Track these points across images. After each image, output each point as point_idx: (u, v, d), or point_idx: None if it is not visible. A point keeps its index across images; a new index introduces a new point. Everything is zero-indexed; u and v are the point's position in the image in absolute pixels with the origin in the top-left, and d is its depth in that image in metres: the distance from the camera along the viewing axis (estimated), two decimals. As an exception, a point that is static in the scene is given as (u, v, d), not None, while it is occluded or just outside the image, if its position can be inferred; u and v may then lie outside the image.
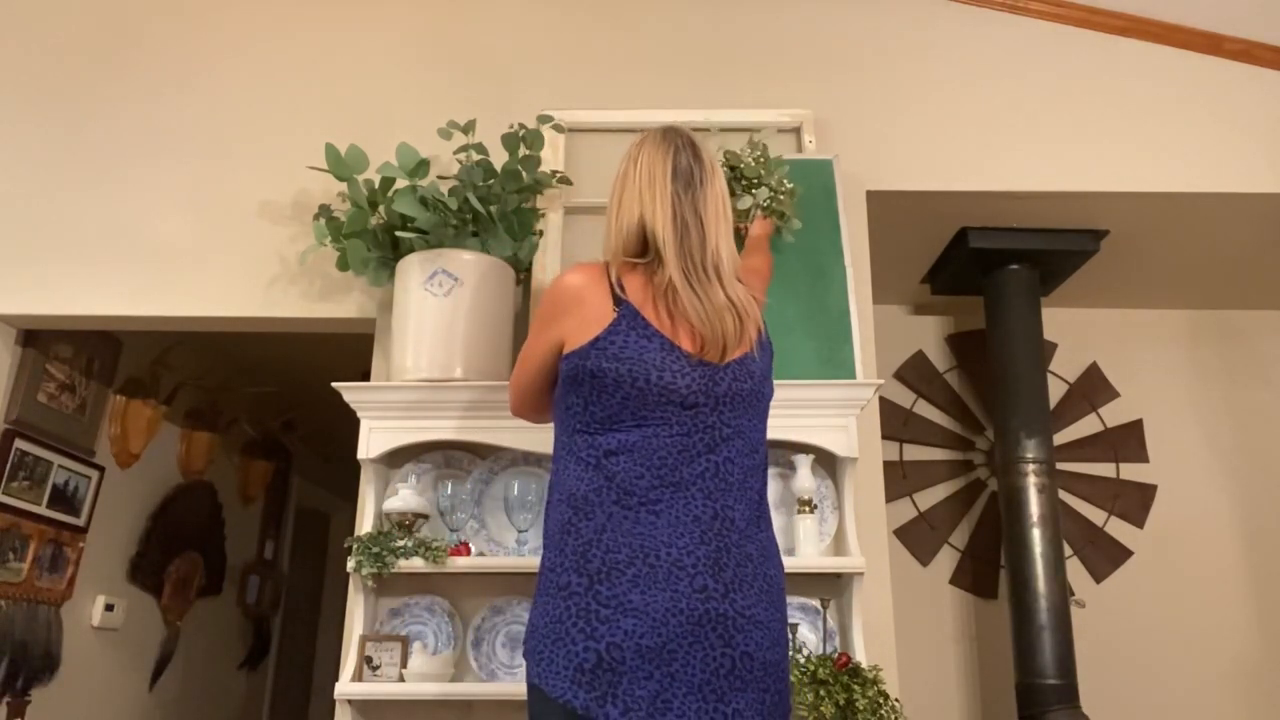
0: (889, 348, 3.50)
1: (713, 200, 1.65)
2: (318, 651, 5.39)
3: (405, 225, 2.39)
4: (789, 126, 2.77)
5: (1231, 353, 3.65)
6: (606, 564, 1.46)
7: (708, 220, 1.63)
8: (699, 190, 1.64)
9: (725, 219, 1.65)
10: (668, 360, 1.56)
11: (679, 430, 1.54)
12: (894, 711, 2.08)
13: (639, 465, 1.52)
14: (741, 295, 1.62)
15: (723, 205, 1.66)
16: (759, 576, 1.52)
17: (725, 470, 1.55)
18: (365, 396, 2.29)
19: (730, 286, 1.60)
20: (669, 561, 1.46)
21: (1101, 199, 2.84)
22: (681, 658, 1.43)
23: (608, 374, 1.54)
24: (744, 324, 1.61)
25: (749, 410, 1.61)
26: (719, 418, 1.57)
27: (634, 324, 1.57)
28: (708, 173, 1.67)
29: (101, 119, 2.87)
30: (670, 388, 1.54)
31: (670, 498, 1.51)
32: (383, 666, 2.17)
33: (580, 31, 2.94)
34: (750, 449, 1.60)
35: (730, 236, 1.66)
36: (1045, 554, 2.94)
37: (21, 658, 3.02)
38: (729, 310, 1.59)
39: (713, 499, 1.53)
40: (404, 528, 2.25)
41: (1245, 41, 2.90)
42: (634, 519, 1.49)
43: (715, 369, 1.58)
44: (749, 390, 1.60)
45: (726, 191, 1.69)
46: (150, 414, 3.67)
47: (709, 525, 1.51)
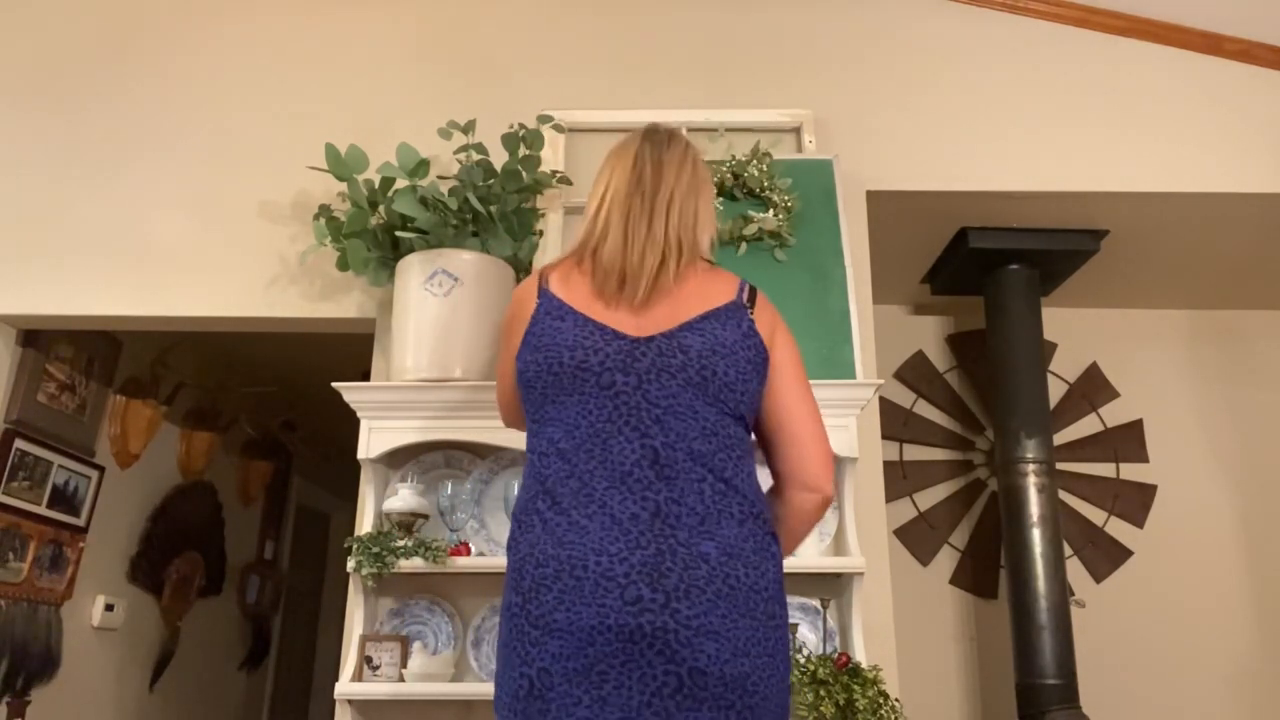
0: (889, 348, 3.50)
1: (678, 161, 1.55)
2: (318, 651, 5.39)
3: (405, 225, 2.39)
4: (789, 126, 2.77)
5: (1231, 353, 3.64)
6: (535, 580, 1.34)
7: (667, 171, 1.53)
8: (665, 151, 1.56)
9: (694, 183, 1.55)
10: (580, 336, 1.44)
11: (599, 413, 1.40)
12: (894, 711, 2.08)
13: (566, 463, 1.40)
14: (678, 237, 1.49)
15: (693, 171, 1.56)
16: (716, 579, 1.33)
17: (667, 458, 1.38)
18: (365, 396, 2.29)
19: (672, 227, 1.49)
20: (597, 573, 1.31)
21: (1101, 199, 2.84)
22: (614, 679, 1.28)
23: (529, 367, 1.46)
24: (666, 263, 1.47)
25: (689, 390, 1.41)
26: (644, 395, 1.40)
27: (549, 308, 1.48)
28: (680, 144, 1.58)
29: (101, 119, 2.87)
30: (583, 366, 1.42)
31: (604, 495, 1.36)
32: (383, 666, 2.17)
33: (580, 31, 2.94)
34: (701, 432, 1.41)
35: (702, 202, 1.56)
36: (1045, 554, 2.94)
37: (21, 658, 3.02)
38: (655, 245, 1.47)
39: (653, 491, 1.36)
40: (404, 528, 2.25)
41: (1245, 41, 2.90)
42: (565, 526, 1.35)
43: (635, 342, 1.43)
44: (679, 366, 1.42)
45: (705, 170, 1.60)
46: (150, 414, 3.67)
47: (648, 524, 1.34)
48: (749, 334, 1.48)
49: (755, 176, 2.54)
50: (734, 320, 1.48)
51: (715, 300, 1.49)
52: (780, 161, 2.60)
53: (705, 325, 1.46)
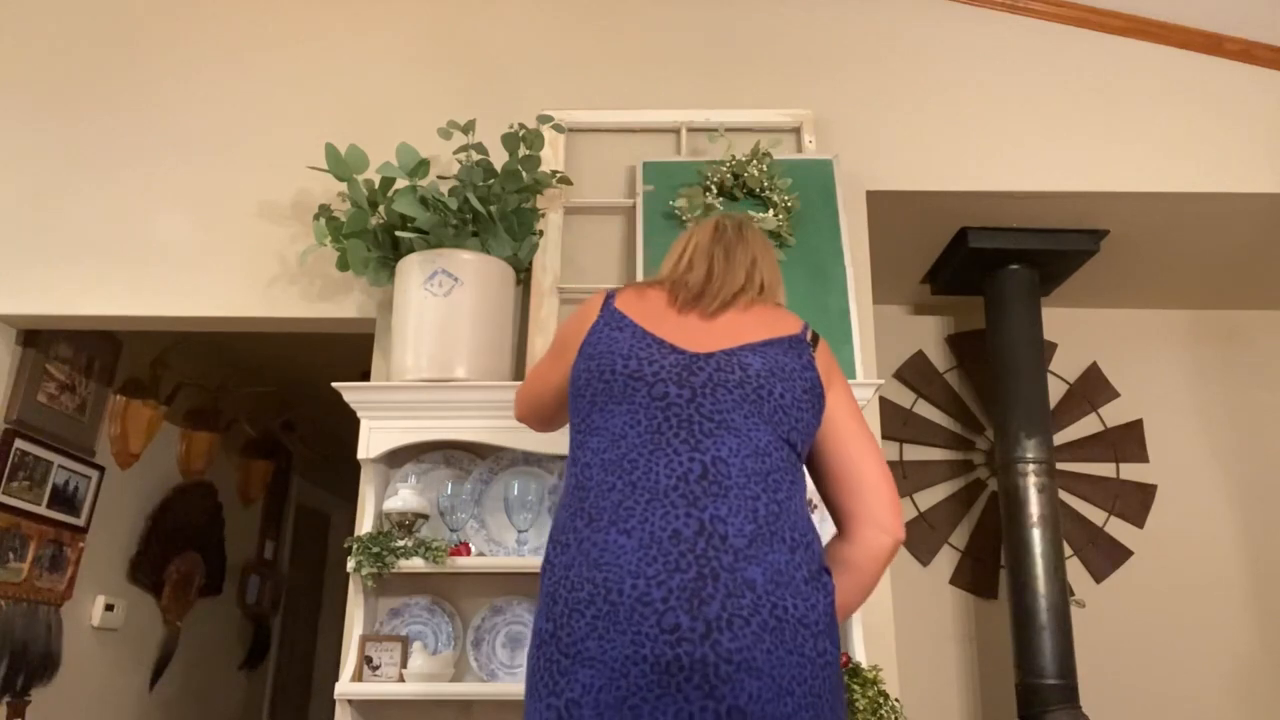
0: (889, 348, 3.50)
1: (759, 238, 1.65)
2: (318, 651, 5.39)
3: (405, 225, 2.39)
4: (789, 126, 2.77)
5: (1231, 353, 3.64)
6: (569, 605, 1.26)
7: (747, 234, 1.62)
8: (745, 226, 1.65)
9: (769, 252, 1.64)
10: (636, 347, 1.42)
11: (648, 424, 1.35)
12: (894, 711, 2.07)
13: (610, 474, 1.33)
14: (760, 278, 1.56)
15: (768, 247, 1.65)
16: (762, 609, 1.23)
17: (717, 472, 1.31)
18: (365, 396, 2.29)
19: (752, 268, 1.57)
20: (634, 597, 1.22)
21: (1101, 199, 2.84)
22: (648, 714, 1.20)
23: (580, 375, 1.44)
24: (744, 289, 1.52)
25: (745, 406, 1.37)
26: (697, 408, 1.35)
27: (609, 320, 1.48)
28: (758, 230, 1.69)
29: (102, 119, 2.87)
30: (636, 374, 1.38)
31: (645, 510, 1.28)
32: (383, 666, 2.17)
33: (580, 31, 2.94)
34: (755, 451, 1.34)
35: (777, 267, 1.64)
36: (1045, 554, 2.94)
37: (21, 658, 3.02)
38: (735, 275, 1.53)
39: (699, 507, 1.28)
40: (404, 528, 2.25)
41: (1245, 41, 2.90)
42: (602, 545, 1.27)
43: (695, 356, 1.41)
44: (738, 382, 1.39)
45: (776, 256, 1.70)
46: (150, 414, 3.67)
47: (691, 543, 1.25)
48: (808, 366, 1.46)
49: (755, 176, 2.55)
50: (795, 351, 1.47)
51: (779, 330, 1.49)
52: (780, 161, 2.60)
53: (767, 349, 1.45)
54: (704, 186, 2.55)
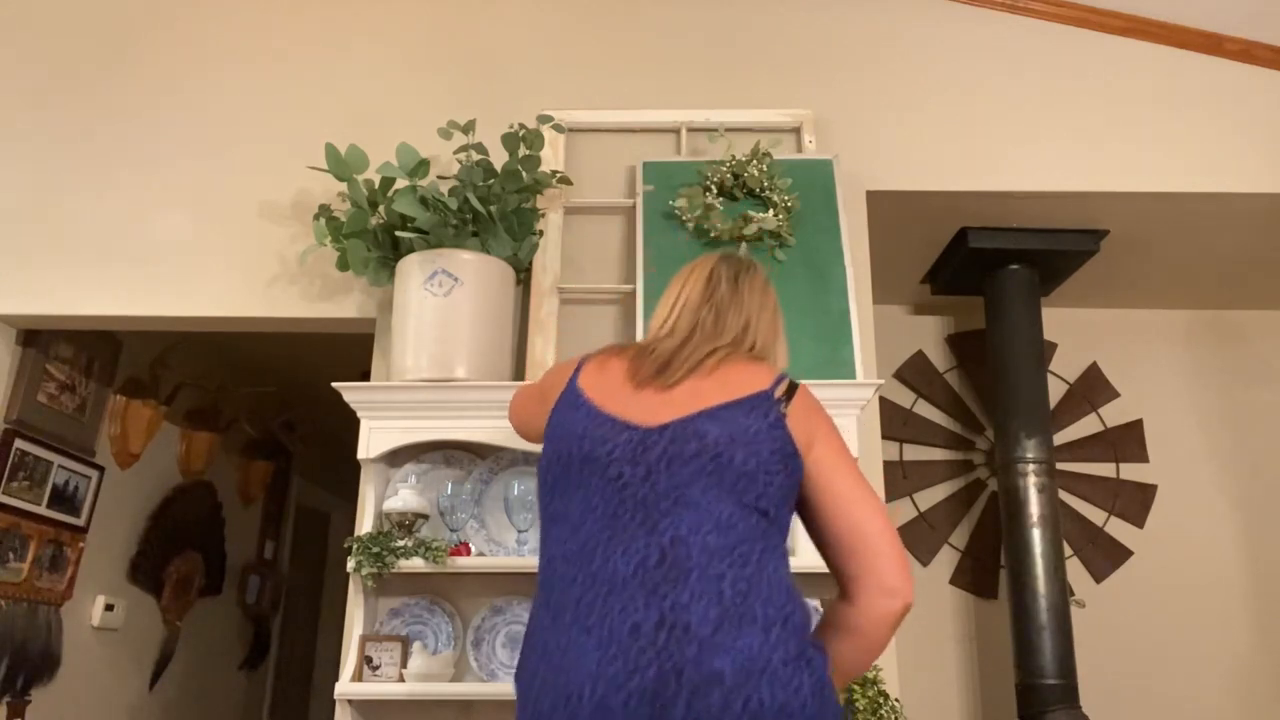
0: (889, 348, 3.50)
1: (757, 286, 1.53)
2: (318, 651, 5.39)
3: (405, 225, 2.39)
4: (789, 126, 2.77)
5: (1231, 353, 3.64)
6: (532, 716, 1.20)
7: (743, 288, 1.52)
8: (743, 274, 1.54)
9: (767, 303, 1.53)
10: (590, 427, 1.33)
11: (604, 509, 1.25)
12: (894, 711, 2.07)
13: (571, 565, 1.25)
14: (749, 340, 1.47)
15: (765, 294, 1.54)
16: (734, 705, 1.12)
17: (676, 554, 1.20)
18: (365, 396, 2.29)
19: (740, 328, 1.47)
20: (593, 704, 1.13)
21: (1101, 199, 2.84)
22: None
23: (542, 460, 1.37)
24: (714, 353, 1.40)
25: (703, 479, 1.25)
26: (652, 487, 1.25)
27: (569, 398, 1.39)
28: (758, 273, 1.57)
29: (102, 119, 2.87)
30: (590, 457, 1.29)
31: (605, 604, 1.19)
32: (383, 666, 2.17)
33: (580, 31, 2.94)
34: (717, 525, 1.23)
35: (776, 321, 1.54)
36: (1045, 554, 2.94)
37: (21, 658, 3.02)
38: (710, 341, 1.42)
39: (658, 596, 1.17)
40: (404, 528, 2.25)
41: (1245, 41, 2.90)
42: (564, 646, 1.20)
43: (648, 431, 1.30)
44: (694, 453, 1.27)
45: (777, 302, 1.57)
46: (150, 414, 3.67)
47: (651, 638, 1.15)
48: (776, 425, 1.32)
49: (755, 176, 2.55)
50: (760, 410, 1.33)
51: (743, 389, 1.36)
52: (780, 161, 2.60)
53: (726, 413, 1.32)
54: (704, 186, 2.55)
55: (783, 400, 1.36)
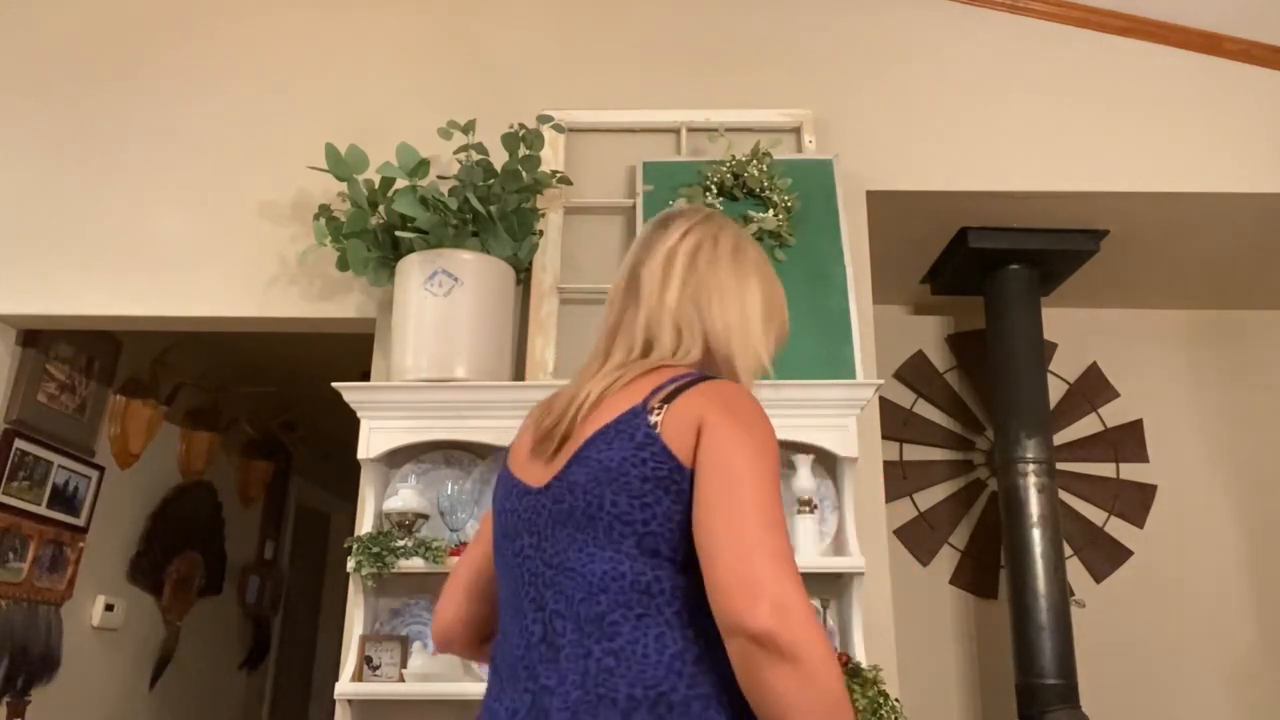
0: (889, 348, 3.50)
1: (681, 257, 1.25)
2: (318, 651, 5.39)
3: (405, 225, 2.39)
4: (789, 126, 2.77)
5: (1231, 353, 3.64)
6: None
7: (649, 273, 1.25)
8: (658, 241, 1.28)
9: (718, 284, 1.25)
10: (503, 497, 1.22)
11: (512, 586, 1.15)
12: (894, 711, 2.07)
13: (495, 649, 1.18)
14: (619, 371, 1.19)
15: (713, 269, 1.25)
16: None
17: (552, 631, 1.08)
18: (365, 396, 2.29)
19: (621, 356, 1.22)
20: None
21: (1101, 199, 2.84)
22: None
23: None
24: (584, 408, 1.16)
25: (579, 536, 1.09)
26: (542, 556, 1.12)
27: (502, 466, 1.29)
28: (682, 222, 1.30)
29: (102, 119, 2.87)
30: (506, 533, 1.18)
31: (501, 688, 1.12)
32: (383, 666, 2.17)
33: (580, 31, 2.94)
34: (589, 591, 1.06)
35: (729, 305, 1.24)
36: (1045, 554, 2.94)
37: (21, 658, 3.02)
38: (595, 384, 1.18)
39: (534, 678, 1.07)
40: (404, 528, 2.25)
41: (1245, 41, 2.89)
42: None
43: (538, 493, 1.15)
44: (567, 510, 1.11)
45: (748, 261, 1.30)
46: (150, 414, 3.67)
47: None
48: (644, 444, 1.08)
49: (755, 176, 2.55)
50: (626, 433, 1.10)
51: (618, 408, 1.13)
52: (780, 161, 2.60)
53: (591, 450, 1.12)
54: (704, 186, 2.55)
55: (657, 408, 1.11)
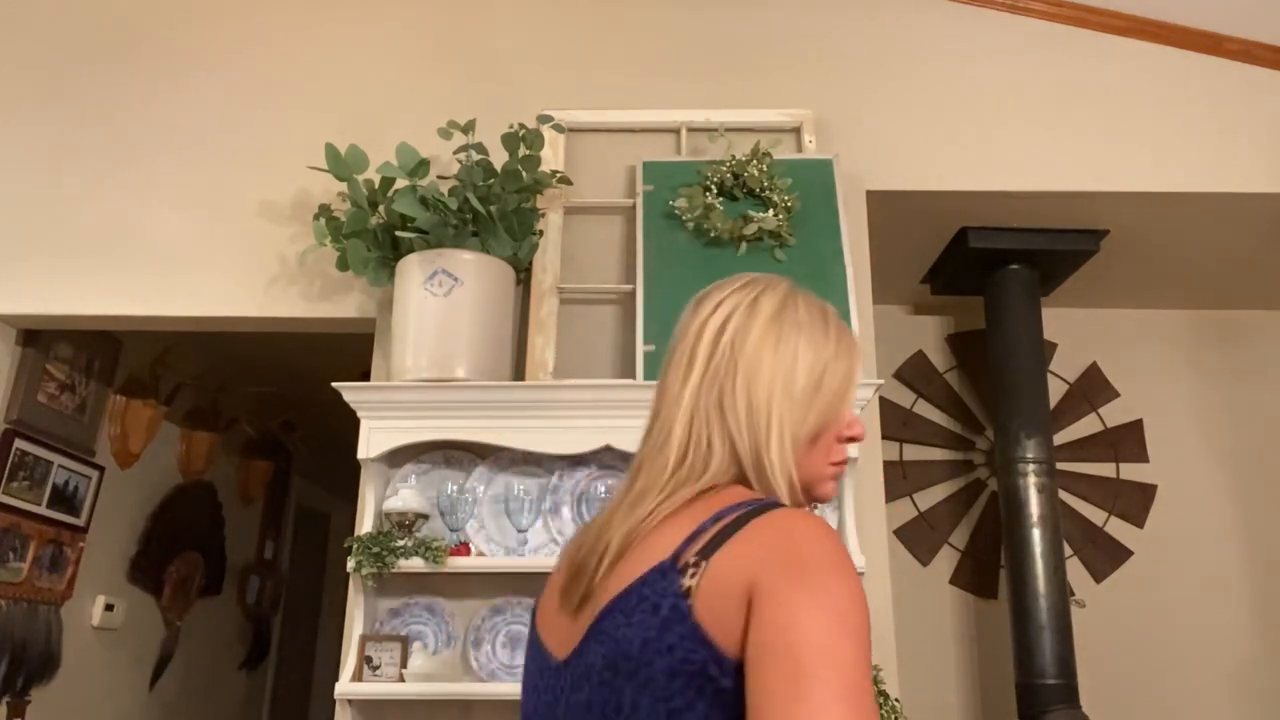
0: (889, 348, 3.50)
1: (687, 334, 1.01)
2: (318, 651, 5.39)
3: (405, 225, 2.39)
4: (789, 126, 2.77)
5: (1231, 353, 3.64)
6: None
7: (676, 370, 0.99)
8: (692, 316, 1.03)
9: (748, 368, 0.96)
10: (531, 671, 1.02)
11: None
12: (894, 712, 2.08)
13: None
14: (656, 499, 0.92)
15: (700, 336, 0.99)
16: None
17: None
18: (365, 396, 2.29)
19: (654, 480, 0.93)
20: None
21: (1101, 199, 2.84)
22: None
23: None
24: (606, 556, 0.91)
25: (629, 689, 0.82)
26: None
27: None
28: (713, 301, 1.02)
29: (101, 119, 2.87)
30: (529, 716, 1.00)
31: None
32: (383, 666, 2.17)
33: (580, 31, 2.94)
34: None
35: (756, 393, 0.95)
36: (1045, 554, 2.94)
37: (21, 658, 3.02)
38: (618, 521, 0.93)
39: None
40: (404, 528, 2.25)
41: (1245, 41, 2.89)
42: None
43: (557, 669, 0.94)
44: (584, 702, 0.86)
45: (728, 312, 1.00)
46: (150, 414, 3.67)
47: None
48: (670, 620, 0.82)
49: (755, 176, 2.54)
50: (649, 602, 0.84)
51: (641, 565, 0.87)
52: (780, 161, 2.60)
53: (608, 623, 0.87)
54: (704, 186, 2.55)
55: (692, 566, 0.83)
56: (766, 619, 0.77)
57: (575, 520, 2.33)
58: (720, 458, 0.94)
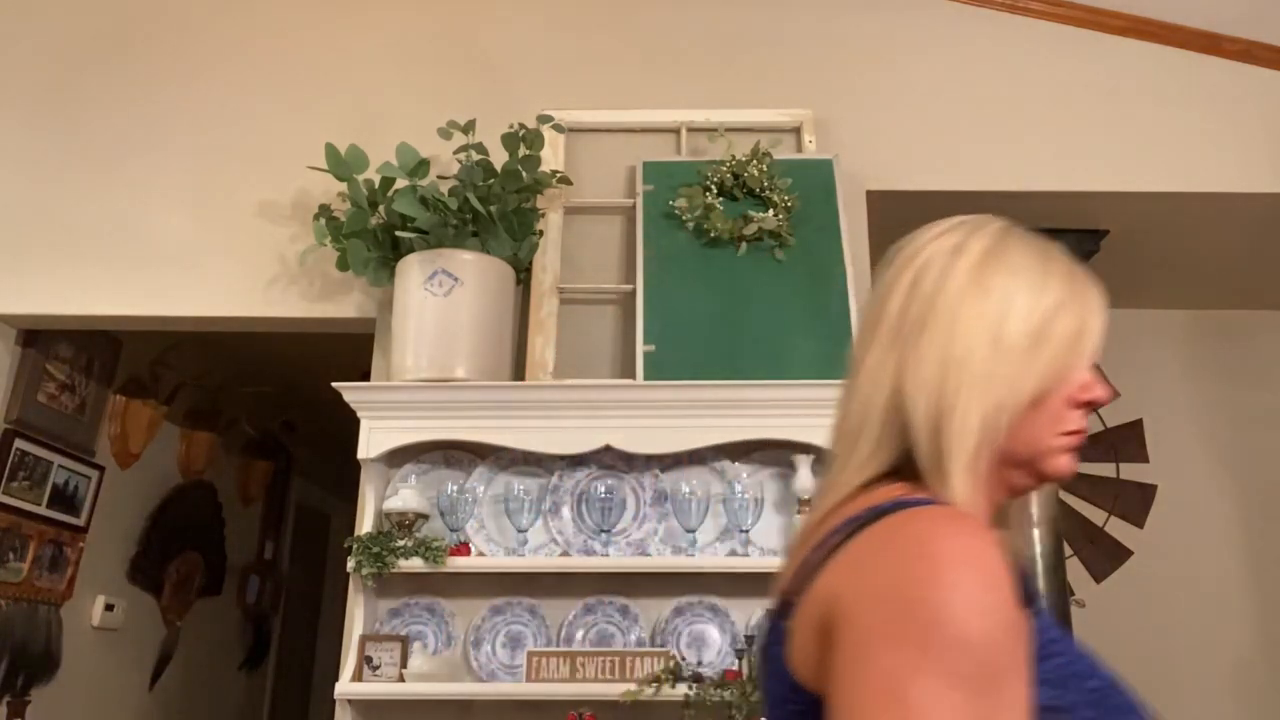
0: (889, 348, 3.49)
1: (876, 292, 0.90)
2: (318, 651, 5.39)
3: (405, 225, 2.39)
4: (789, 126, 2.77)
5: (1231, 353, 3.64)
6: None
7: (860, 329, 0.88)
8: (884, 275, 0.92)
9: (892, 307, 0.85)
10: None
11: None
12: (894, 711, 2.07)
13: None
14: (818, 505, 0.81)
15: (890, 291, 0.88)
16: None
17: None
18: (365, 396, 2.29)
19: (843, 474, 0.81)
20: None
21: (1101, 199, 2.84)
22: None
23: None
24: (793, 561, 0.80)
25: None
26: None
27: None
28: (908, 253, 0.93)
29: (102, 118, 2.87)
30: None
31: None
32: (383, 666, 2.17)
33: (580, 31, 2.93)
34: None
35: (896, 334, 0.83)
36: (1045, 554, 2.94)
37: (21, 658, 3.02)
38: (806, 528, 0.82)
39: None
40: (404, 528, 2.25)
41: (1245, 41, 2.89)
42: None
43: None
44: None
45: (926, 259, 0.90)
46: (150, 414, 3.67)
47: None
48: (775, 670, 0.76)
49: (755, 176, 2.54)
50: (768, 646, 0.79)
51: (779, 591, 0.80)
52: (780, 161, 2.60)
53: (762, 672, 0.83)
54: (704, 186, 2.55)
55: (794, 600, 0.75)
56: (838, 651, 0.65)
57: (575, 520, 2.33)
58: (891, 435, 0.79)
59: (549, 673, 2.13)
